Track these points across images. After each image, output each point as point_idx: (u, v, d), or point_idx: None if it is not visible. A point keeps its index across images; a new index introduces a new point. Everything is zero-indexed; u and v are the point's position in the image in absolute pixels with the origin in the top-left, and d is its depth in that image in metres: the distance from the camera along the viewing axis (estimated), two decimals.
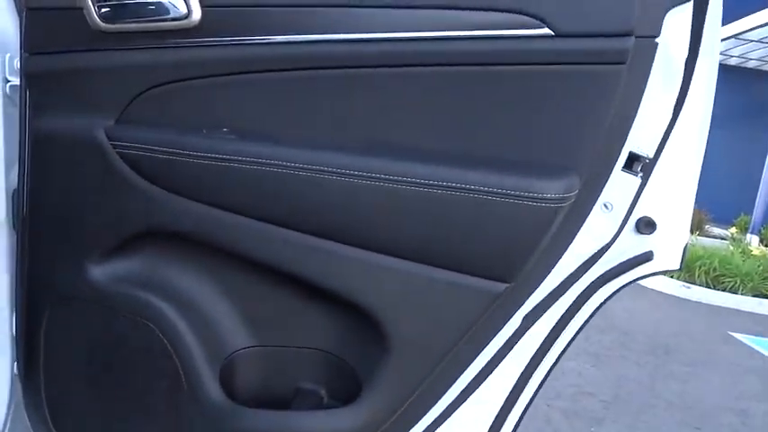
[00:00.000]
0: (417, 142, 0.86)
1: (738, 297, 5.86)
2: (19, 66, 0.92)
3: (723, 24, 0.87)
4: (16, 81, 0.94)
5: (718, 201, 10.24)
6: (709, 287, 6.07)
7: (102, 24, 0.85)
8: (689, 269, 6.18)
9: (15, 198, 0.96)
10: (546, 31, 0.79)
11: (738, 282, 6.00)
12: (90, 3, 0.84)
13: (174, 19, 0.83)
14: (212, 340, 0.97)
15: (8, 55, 0.96)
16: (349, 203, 0.84)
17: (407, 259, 0.86)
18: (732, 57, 12.30)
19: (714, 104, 0.89)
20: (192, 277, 0.97)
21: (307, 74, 0.85)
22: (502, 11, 0.79)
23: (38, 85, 0.90)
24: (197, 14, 0.83)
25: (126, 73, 0.88)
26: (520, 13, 0.79)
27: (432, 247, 0.84)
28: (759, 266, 6.23)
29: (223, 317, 0.97)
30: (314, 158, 0.83)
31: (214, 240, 0.90)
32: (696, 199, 0.91)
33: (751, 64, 12.99)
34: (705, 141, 0.89)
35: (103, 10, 0.84)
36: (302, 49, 0.84)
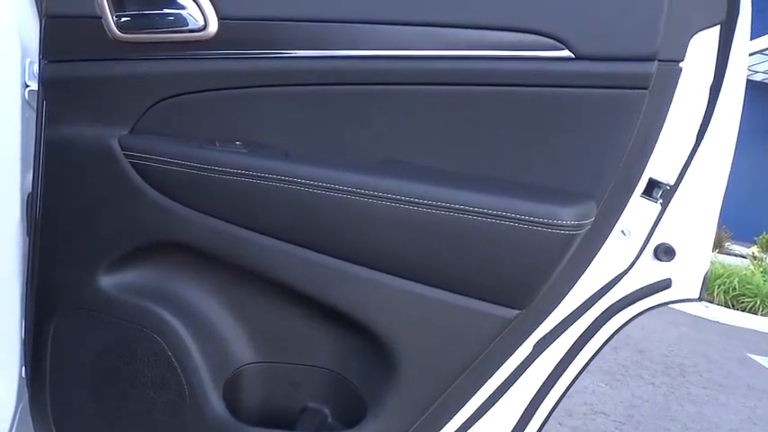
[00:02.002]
0: (432, 162, 0.84)
1: (758, 318, 5.73)
2: (38, 72, 0.93)
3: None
4: (35, 86, 0.95)
5: (739, 218, 10.06)
6: (729, 307, 5.95)
7: (120, 34, 0.85)
8: (707, 288, 6.04)
9: (30, 202, 0.97)
10: (566, 53, 0.77)
11: (758, 302, 5.87)
12: (108, 12, 0.84)
13: (191, 30, 0.84)
14: (217, 355, 0.96)
15: (28, 60, 0.97)
16: (359, 222, 0.82)
17: (418, 281, 0.84)
18: (757, 72, 12.13)
19: None
20: (199, 290, 0.96)
21: (323, 89, 0.85)
22: (522, 31, 0.78)
23: (54, 92, 0.90)
24: (214, 27, 0.83)
25: (141, 83, 0.88)
26: (540, 34, 0.77)
27: (443, 270, 0.83)
28: None
29: (229, 331, 0.97)
30: (326, 176, 0.82)
31: (223, 254, 0.90)
32: None
33: None
34: (729, 168, 0.86)
35: (122, 19, 0.85)
36: (319, 65, 0.84)
